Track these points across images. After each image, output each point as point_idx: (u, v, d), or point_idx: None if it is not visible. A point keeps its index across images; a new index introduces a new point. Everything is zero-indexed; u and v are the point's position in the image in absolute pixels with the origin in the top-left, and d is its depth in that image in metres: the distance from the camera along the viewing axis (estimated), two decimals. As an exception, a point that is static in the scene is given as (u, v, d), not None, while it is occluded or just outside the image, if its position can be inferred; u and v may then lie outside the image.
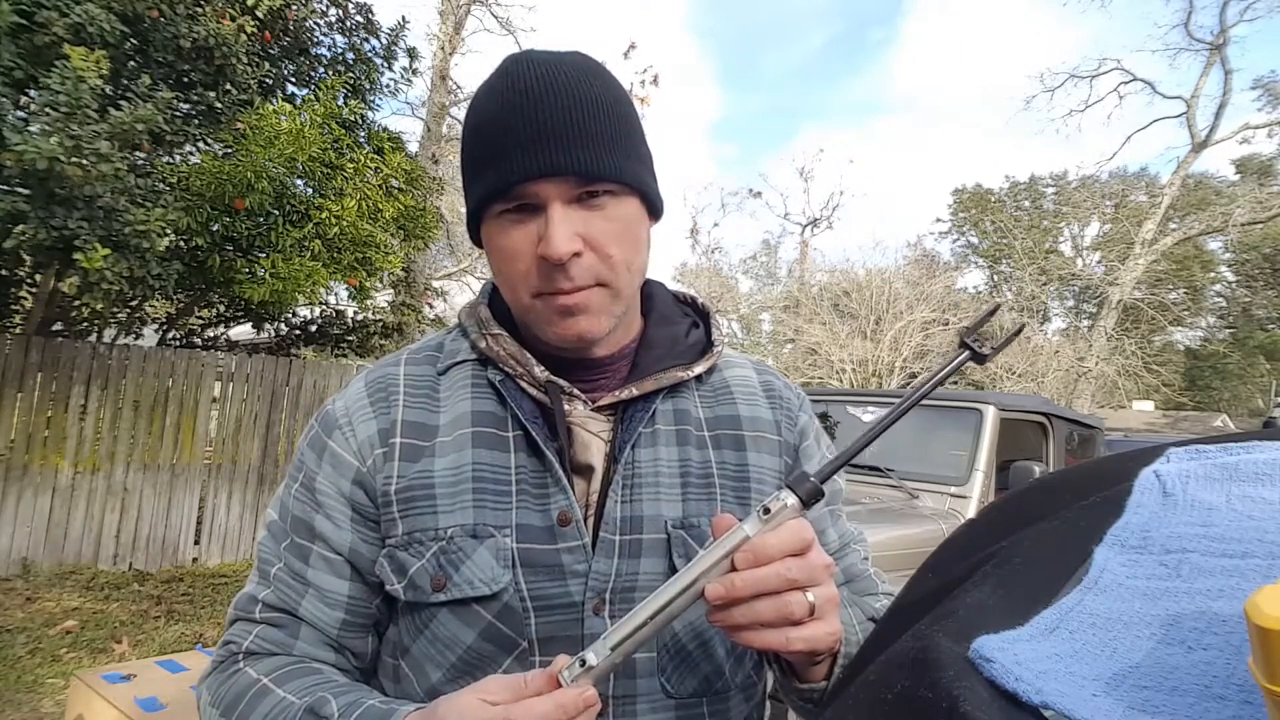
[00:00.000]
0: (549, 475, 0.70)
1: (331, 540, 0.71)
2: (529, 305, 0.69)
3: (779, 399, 0.83)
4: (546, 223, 0.65)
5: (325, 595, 0.71)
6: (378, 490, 0.70)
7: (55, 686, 3.39)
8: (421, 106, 11.14)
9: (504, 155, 0.65)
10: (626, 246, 0.69)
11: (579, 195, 0.66)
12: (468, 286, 16.00)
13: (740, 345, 23.78)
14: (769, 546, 0.55)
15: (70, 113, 3.80)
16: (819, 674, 0.66)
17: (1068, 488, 0.51)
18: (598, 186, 0.66)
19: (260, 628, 0.71)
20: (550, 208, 0.65)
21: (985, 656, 0.36)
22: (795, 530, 0.56)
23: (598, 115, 0.66)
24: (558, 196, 0.65)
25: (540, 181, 0.65)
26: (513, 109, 0.65)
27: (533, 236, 0.66)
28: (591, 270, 0.67)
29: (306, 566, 0.71)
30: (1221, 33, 17.97)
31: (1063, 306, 27.31)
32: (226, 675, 0.69)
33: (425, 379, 0.76)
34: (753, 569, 0.54)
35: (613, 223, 0.67)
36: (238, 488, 6.05)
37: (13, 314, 5.83)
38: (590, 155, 0.65)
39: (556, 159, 0.64)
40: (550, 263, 0.65)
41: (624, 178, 0.67)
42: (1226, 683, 0.31)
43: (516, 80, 0.67)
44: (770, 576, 0.55)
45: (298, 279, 5.23)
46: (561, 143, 0.64)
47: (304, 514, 0.72)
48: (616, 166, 0.67)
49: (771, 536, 0.55)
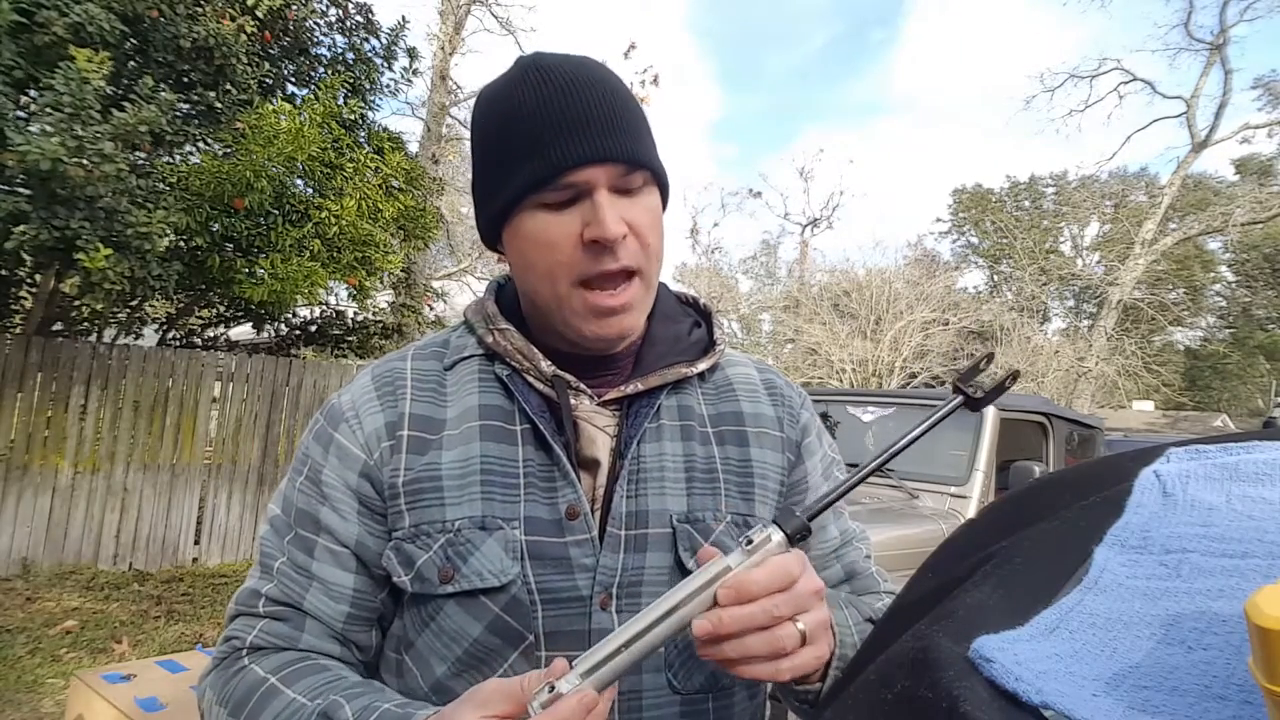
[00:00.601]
0: (556, 469, 0.70)
1: (337, 533, 0.71)
2: (565, 295, 0.69)
3: (781, 396, 0.83)
4: (594, 207, 0.66)
5: (330, 588, 0.71)
6: (384, 483, 0.71)
7: (55, 686, 3.39)
8: (421, 106, 11.15)
9: (547, 144, 0.66)
10: (657, 235, 0.71)
11: (622, 183, 0.68)
12: (468, 286, 16.01)
13: (740, 345, 23.77)
14: (753, 583, 0.54)
15: (74, 114, 3.81)
16: (814, 676, 0.67)
17: (1068, 488, 0.51)
18: (637, 174, 0.69)
19: (264, 622, 0.71)
20: (597, 193, 0.67)
21: (985, 656, 0.36)
22: (780, 566, 0.56)
23: (629, 106, 0.69)
24: (605, 182, 0.67)
25: (588, 168, 0.66)
26: (550, 101, 0.67)
27: (573, 224, 0.67)
28: (634, 255, 0.69)
29: (311, 560, 0.71)
30: (1221, 33, 17.97)
31: (1063, 306, 27.31)
32: (231, 672, 0.68)
33: (432, 374, 0.76)
34: (738, 605, 0.54)
35: (649, 212, 0.70)
36: (238, 488, 6.05)
37: (13, 314, 5.83)
38: (631, 142, 0.68)
39: (604, 145, 0.66)
40: (602, 245, 0.66)
41: (655, 166, 0.70)
42: (1226, 683, 0.31)
43: (548, 74, 0.68)
44: (757, 613, 0.54)
45: (297, 279, 5.22)
46: (606, 129, 0.66)
47: (309, 507, 0.72)
48: (652, 156, 0.70)
49: (757, 573, 0.55)
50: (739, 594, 0.54)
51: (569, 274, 0.68)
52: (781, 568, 0.56)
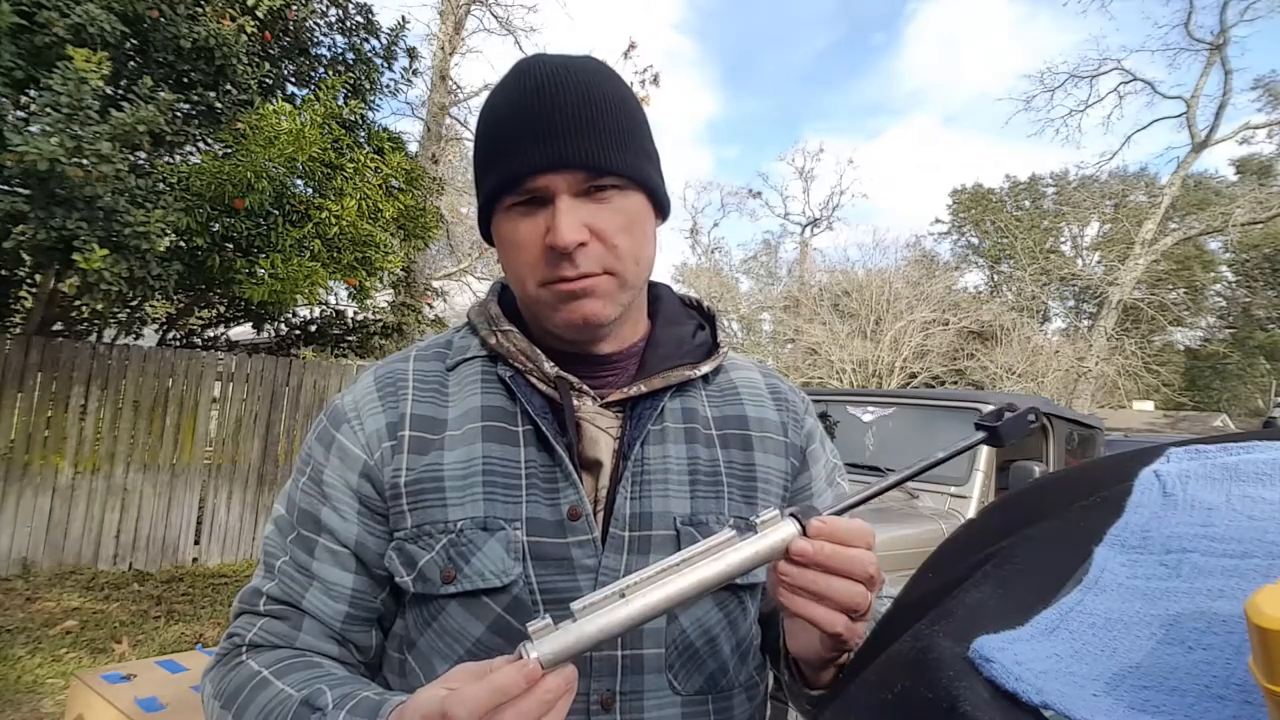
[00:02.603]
0: (559, 470, 0.70)
1: (338, 533, 0.71)
2: (536, 295, 0.70)
3: (785, 402, 0.84)
4: (554, 213, 0.66)
5: (330, 588, 0.71)
6: (385, 483, 0.71)
7: (55, 686, 3.39)
8: (421, 106, 11.13)
9: (514, 150, 0.67)
10: (632, 238, 0.70)
11: (586, 189, 0.68)
12: (468, 286, 16.00)
13: (740, 345, 23.77)
14: (846, 529, 0.55)
15: (72, 114, 3.81)
16: (828, 678, 0.67)
17: (1068, 488, 0.51)
18: (604, 180, 0.68)
19: (264, 620, 0.72)
20: (558, 199, 0.67)
21: (985, 656, 0.36)
22: (864, 527, 0.57)
23: (605, 112, 0.68)
24: (566, 189, 0.67)
25: (548, 174, 0.66)
26: (524, 106, 0.67)
27: (540, 228, 0.68)
28: (599, 259, 0.68)
29: (311, 559, 0.72)
30: (1221, 33, 17.98)
31: (1063, 306, 27.30)
32: (229, 668, 0.70)
33: (434, 374, 0.76)
34: (840, 547, 0.55)
35: (619, 215, 0.69)
36: (238, 488, 6.05)
37: (13, 314, 5.82)
38: (597, 149, 0.67)
39: (564, 152, 0.66)
40: (557, 251, 0.66)
41: (629, 172, 0.69)
42: (1226, 683, 0.31)
43: (527, 79, 0.68)
44: (859, 558, 0.55)
45: (297, 279, 5.22)
46: (570, 137, 0.66)
47: (310, 507, 0.73)
48: (623, 161, 0.68)
49: (851, 522, 0.56)
50: (834, 533, 0.55)
51: (535, 276, 0.69)
52: (866, 529, 0.57)
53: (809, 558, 0.55)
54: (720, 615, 0.74)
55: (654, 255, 0.75)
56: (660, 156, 0.76)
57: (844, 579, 0.55)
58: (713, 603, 0.73)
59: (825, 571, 0.55)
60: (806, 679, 0.68)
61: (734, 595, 0.74)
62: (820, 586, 0.55)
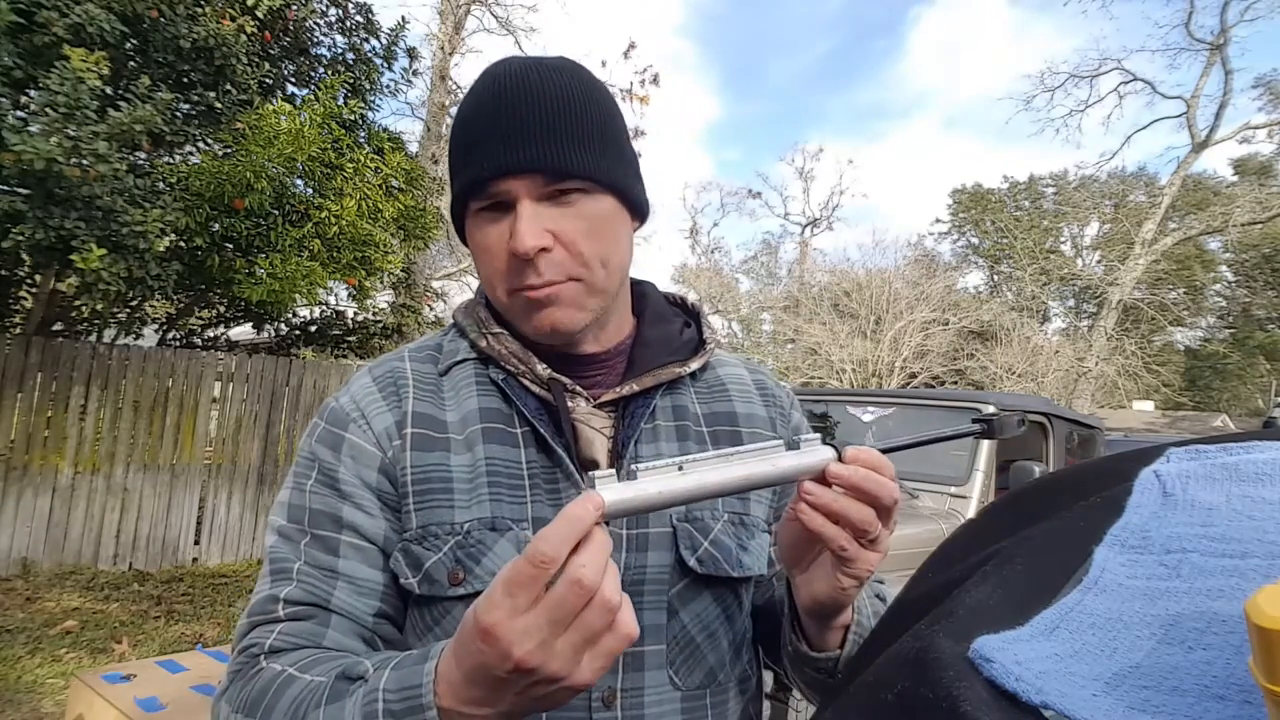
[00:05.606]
0: (559, 470, 0.70)
1: (364, 529, 0.69)
2: (507, 303, 0.71)
3: (772, 397, 0.85)
4: (515, 219, 0.66)
5: (359, 584, 0.68)
6: (399, 479, 0.70)
7: (55, 686, 3.39)
8: (421, 107, 11.13)
9: (477, 154, 0.67)
10: (598, 242, 0.69)
11: (550, 193, 0.67)
12: (468, 286, 15.99)
13: (741, 345, 23.78)
14: (880, 461, 0.59)
15: (69, 113, 3.80)
16: (833, 641, 0.68)
17: (1068, 488, 0.51)
18: (568, 184, 0.67)
19: (284, 624, 0.66)
20: (519, 204, 0.66)
21: (985, 656, 0.35)
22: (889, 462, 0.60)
23: (569, 114, 0.67)
24: (527, 193, 0.66)
25: (509, 179, 0.66)
26: (486, 110, 0.67)
27: (505, 233, 0.67)
28: (561, 266, 0.68)
29: (336, 558, 0.68)
30: (1222, 33, 17.98)
31: (1063, 306, 27.32)
32: (248, 678, 0.63)
33: (429, 376, 0.76)
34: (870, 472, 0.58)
35: (584, 220, 0.68)
36: (238, 488, 6.05)
37: (13, 314, 5.83)
38: (559, 153, 0.66)
39: (524, 156, 0.65)
40: (519, 258, 0.66)
41: (595, 175, 0.68)
42: (1226, 683, 0.31)
43: (492, 82, 0.68)
44: (885, 484, 0.58)
45: (297, 279, 5.22)
46: (531, 140, 0.65)
47: (327, 507, 0.70)
48: (588, 164, 0.67)
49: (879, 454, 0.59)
50: (867, 460, 0.58)
51: (504, 283, 0.69)
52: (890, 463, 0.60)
53: (843, 479, 0.58)
54: (718, 610, 0.74)
55: (627, 258, 0.74)
56: (639, 157, 0.75)
57: (860, 503, 0.58)
58: (711, 597, 0.73)
59: (850, 494, 0.58)
60: (811, 641, 0.69)
61: (730, 589, 0.75)
62: (839, 507, 0.58)
